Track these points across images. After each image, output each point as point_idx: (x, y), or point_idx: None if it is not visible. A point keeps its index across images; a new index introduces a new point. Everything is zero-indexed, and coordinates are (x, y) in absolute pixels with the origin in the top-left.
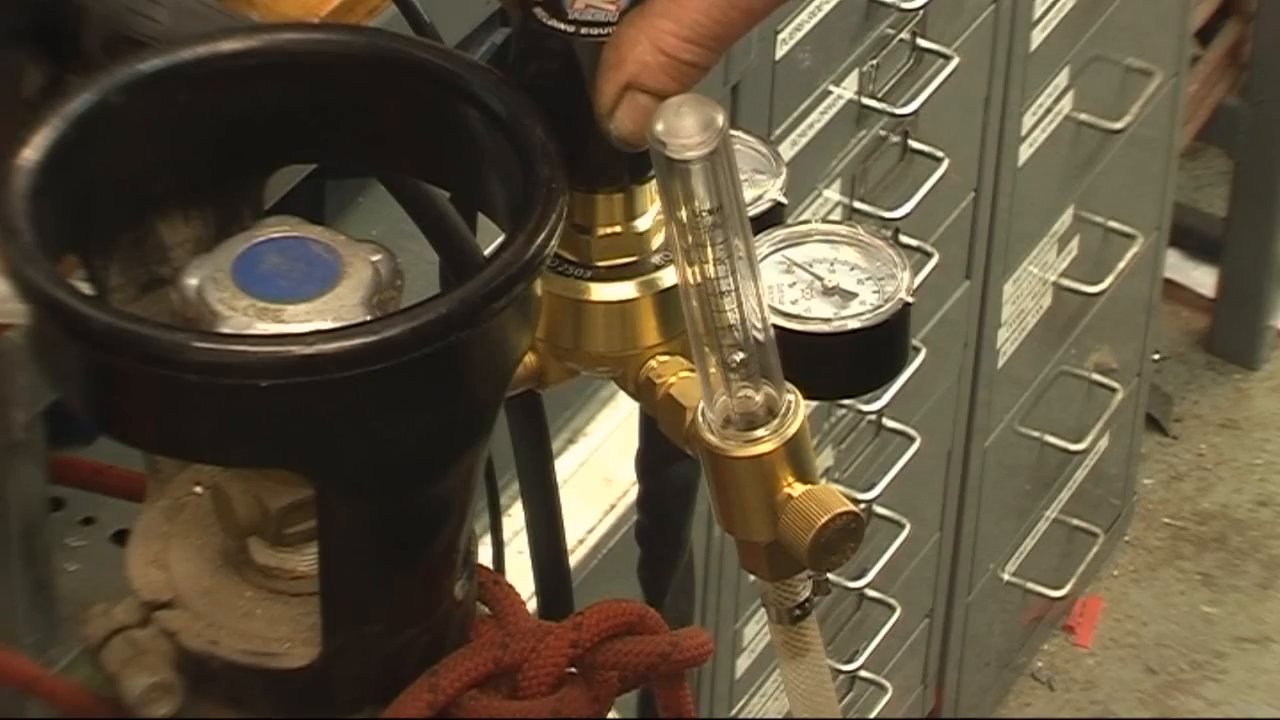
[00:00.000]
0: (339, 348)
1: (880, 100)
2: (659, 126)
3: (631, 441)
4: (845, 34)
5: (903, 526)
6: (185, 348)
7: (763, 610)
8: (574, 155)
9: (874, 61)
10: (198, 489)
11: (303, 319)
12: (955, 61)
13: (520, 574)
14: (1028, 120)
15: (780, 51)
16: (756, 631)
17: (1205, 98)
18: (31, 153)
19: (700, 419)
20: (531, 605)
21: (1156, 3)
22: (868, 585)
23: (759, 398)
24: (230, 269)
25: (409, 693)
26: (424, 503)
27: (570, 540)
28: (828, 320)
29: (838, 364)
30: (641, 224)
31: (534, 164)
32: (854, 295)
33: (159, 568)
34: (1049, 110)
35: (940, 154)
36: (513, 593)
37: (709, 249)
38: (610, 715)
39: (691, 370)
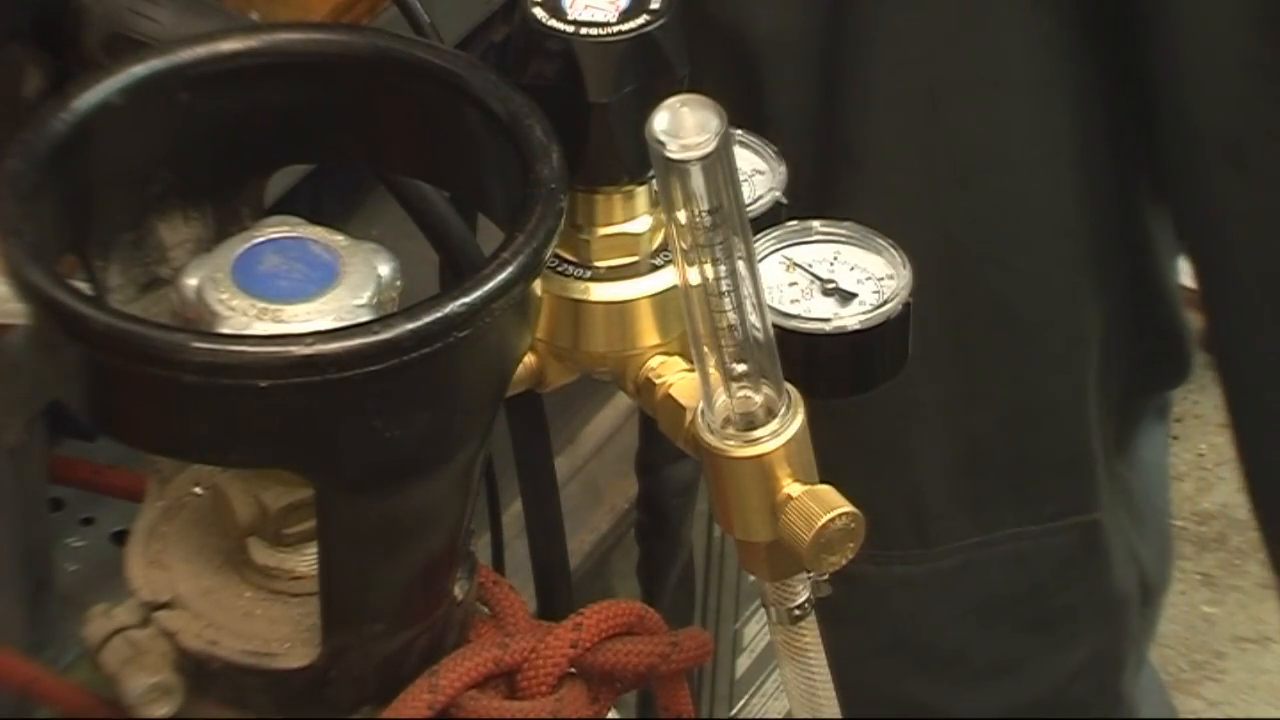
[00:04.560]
0: (339, 348)
1: None
2: (659, 127)
3: (631, 441)
4: None
5: None
6: (185, 348)
7: (763, 610)
8: (574, 155)
9: None
10: (198, 489)
11: (302, 319)
12: None
13: (520, 574)
14: None
15: None
16: (756, 631)
17: None
18: (32, 152)
19: (700, 419)
20: (531, 605)
21: None
22: None
23: (758, 398)
24: (230, 269)
25: (409, 693)
26: (424, 502)
27: (570, 540)
28: (828, 320)
29: (838, 364)
30: (641, 224)
31: (534, 164)
32: (854, 295)
33: (159, 568)
34: None
35: None
36: (513, 593)
37: (708, 249)
38: (610, 715)
39: (691, 370)
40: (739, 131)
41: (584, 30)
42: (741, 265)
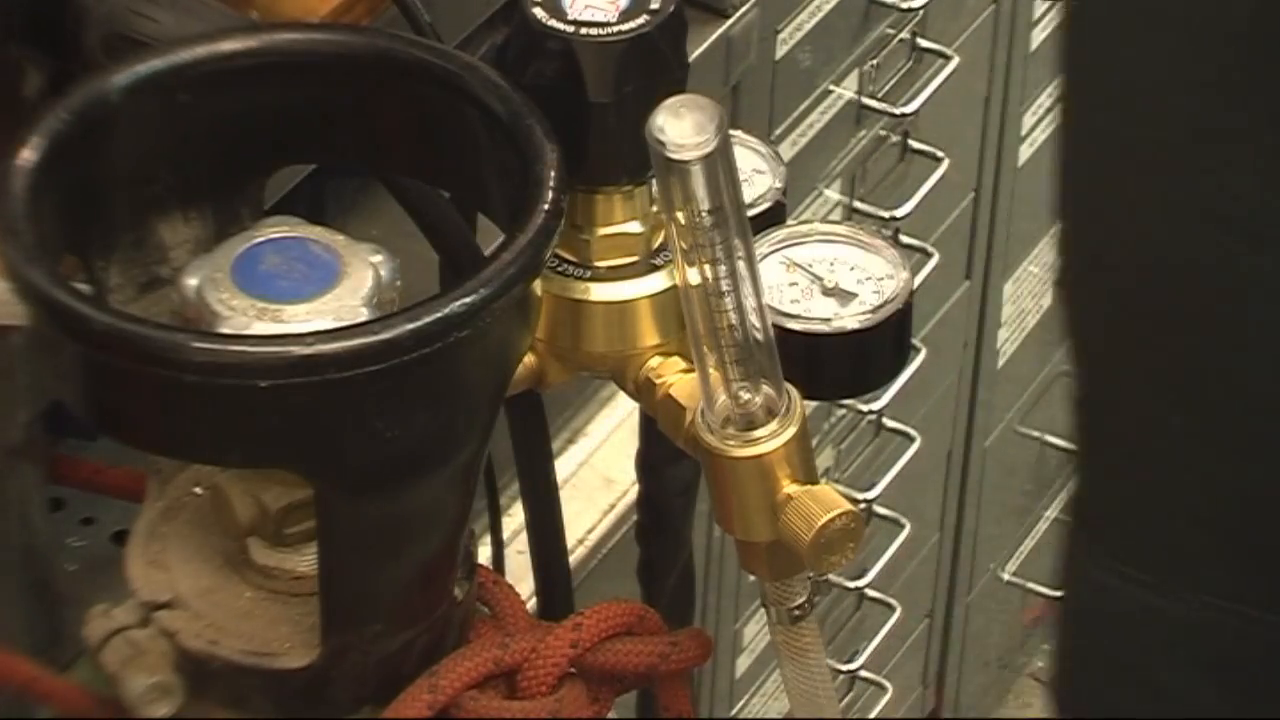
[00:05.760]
0: (339, 348)
1: (880, 100)
2: (659, 127)
3: (631, 441)
4: (845, 34)
5: (903, 526)
6: (184, 348)
7: (763, 610)
8: (574, 155)
9: (874, 61)
10: (198, 489)
11: (302, 319)
12: (955, 61)
13: (520, 574)
14: (1028, 120)
15: (780, 51)
16: (756, 631)
17: None
18: (31, 153)
19: (700, 419)
20: (531, 605)
21: None
22: (868, 585)
23: (758, 398)
24: (230, 269)
25: (409, 693)
26: (424, 502)
27: (570, 540)
28: (827, 320)
29: (838, 364)
30: (641, 224)
31: (534, 164)
32: (854, 295)
33: (159, 568)
34: (1049, 110)
35: (940, 154)
36: (513, 593)
37: (708, 249)
38: (610, 715)
39: (691, 370)
40: (738, 131)
41: (584, 30)
42: (741, 265)
